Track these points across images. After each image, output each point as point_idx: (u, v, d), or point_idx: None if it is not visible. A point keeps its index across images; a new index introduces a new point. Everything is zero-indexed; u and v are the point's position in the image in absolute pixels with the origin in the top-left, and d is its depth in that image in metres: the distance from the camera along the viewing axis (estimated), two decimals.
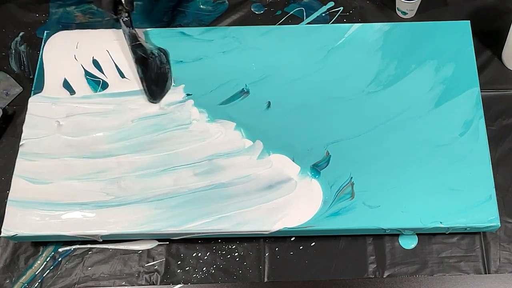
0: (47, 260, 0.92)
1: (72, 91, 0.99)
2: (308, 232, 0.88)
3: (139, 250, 0.92)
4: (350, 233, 0.91)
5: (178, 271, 0.91)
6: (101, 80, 1.00)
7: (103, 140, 0.95)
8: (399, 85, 0.98)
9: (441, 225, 0.87)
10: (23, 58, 1.10)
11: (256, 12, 1.13)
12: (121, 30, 1.00)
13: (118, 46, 1.03)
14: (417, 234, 0.91)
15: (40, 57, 1.02)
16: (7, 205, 0.90)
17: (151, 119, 0.97)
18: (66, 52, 1.03)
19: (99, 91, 0.99)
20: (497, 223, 0.86)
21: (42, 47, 1.03)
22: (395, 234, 0.91)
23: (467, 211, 0.87)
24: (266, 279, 0.90)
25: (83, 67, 1.01)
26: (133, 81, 1.00)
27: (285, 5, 1.13)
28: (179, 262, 0.91)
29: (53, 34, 1.05)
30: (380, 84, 0.98)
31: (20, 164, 0.93)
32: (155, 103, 0.98)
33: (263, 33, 1.03)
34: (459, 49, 1.00)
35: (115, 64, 1.01)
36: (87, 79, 1.00)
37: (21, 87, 1.07)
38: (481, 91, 0.96)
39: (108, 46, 1.03)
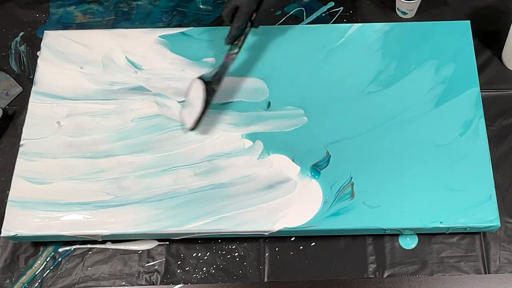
0: (47, 260, 0.92)
1: (72, 91, 0.99)
2: (308, 232, 0.88)
3: (139, 250, 0.92)
4: (350, 233, 0.91)
5: (178, 271, 0.91)
6: None
7: (103, 140, 0.95)
8: (399, 85, 0.98)
9: (441, 225, 0.86)
10: (23, 58, 1.10)
11: None
12: (120, 30, 1.00)
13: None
14: (417, 234, 0.91)
15: (39, 57, 1.02)
16: (7, 205, 0.90)
17: (151, 119, 0.96)
18: (66, 52, 1.03)
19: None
20: (497, 223, 0.86)
21: (41, 47, 1.03)
22: (395, 234, 0.91)
23: (467, 211, 0.87)
24: (266, 279, 0.90)
25: (82, 68, 1.01)
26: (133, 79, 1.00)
27: (285, 5, 1.13)
28: (179, 262, 0.91)
29: (52, 34, 1.05)
30: (380, 84, 0.98)
31: (20, 164, 0.93)
32: (191, 130, 0.94)
33: (263, 33, 1.03)
34: (459, 49, 1.00)
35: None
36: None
37: (21, 87, 1.07)
38: (481, 91, 0.96)
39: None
